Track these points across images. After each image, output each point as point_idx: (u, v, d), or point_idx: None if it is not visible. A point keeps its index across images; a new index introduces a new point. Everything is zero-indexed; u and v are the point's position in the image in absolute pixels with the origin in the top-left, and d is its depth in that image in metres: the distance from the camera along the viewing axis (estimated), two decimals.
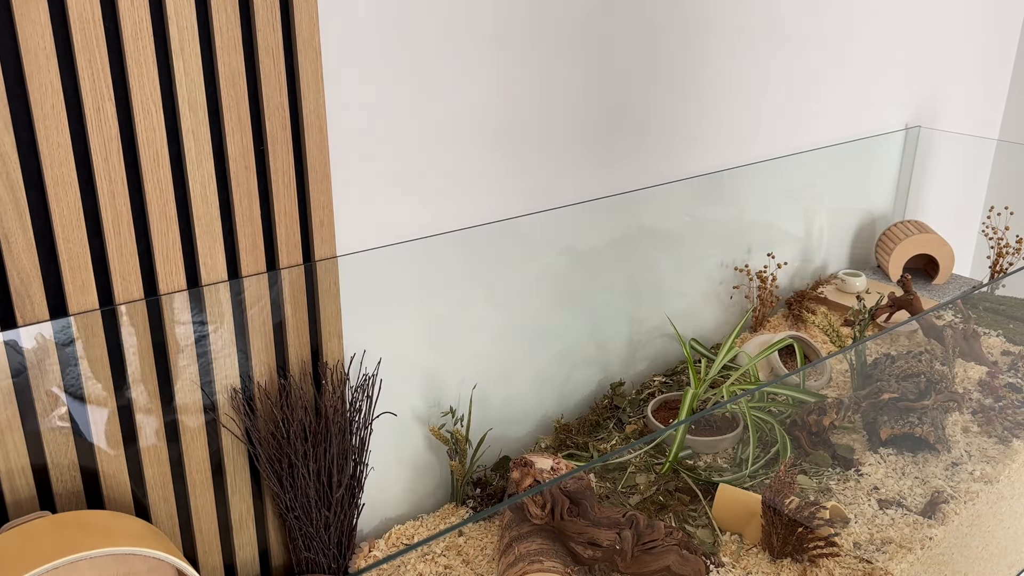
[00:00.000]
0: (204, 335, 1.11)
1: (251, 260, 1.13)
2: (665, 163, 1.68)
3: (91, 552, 0.90)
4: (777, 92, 1.86)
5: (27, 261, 0.96)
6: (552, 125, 1.46)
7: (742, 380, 1.65)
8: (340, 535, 1.26)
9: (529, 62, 1.38)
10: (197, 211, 1.06)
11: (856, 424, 1.63)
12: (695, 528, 1.36)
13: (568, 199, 1.52)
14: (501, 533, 1.30)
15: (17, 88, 0.91)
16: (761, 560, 1.30)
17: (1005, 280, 2.13)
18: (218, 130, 1.06)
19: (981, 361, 1.84)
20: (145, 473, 1.10)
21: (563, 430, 1.59)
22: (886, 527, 1.38)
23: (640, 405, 1.69)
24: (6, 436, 0.98)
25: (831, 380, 1.79)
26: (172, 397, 1.10)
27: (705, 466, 1.53)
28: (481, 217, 1.41)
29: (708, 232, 1.85)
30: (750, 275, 1.97)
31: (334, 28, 1.14)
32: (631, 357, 1.77)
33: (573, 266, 1.58)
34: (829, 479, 1.49)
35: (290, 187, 1.13)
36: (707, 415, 1.63)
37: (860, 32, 2.01)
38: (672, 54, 1.60)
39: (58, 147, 0.95)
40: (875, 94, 2.14)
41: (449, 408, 1.44)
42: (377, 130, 1.23)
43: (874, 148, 2.21)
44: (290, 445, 1.17)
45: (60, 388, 1.01)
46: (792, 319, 2.04)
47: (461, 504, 1.45)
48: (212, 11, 1.01)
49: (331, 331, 1.23)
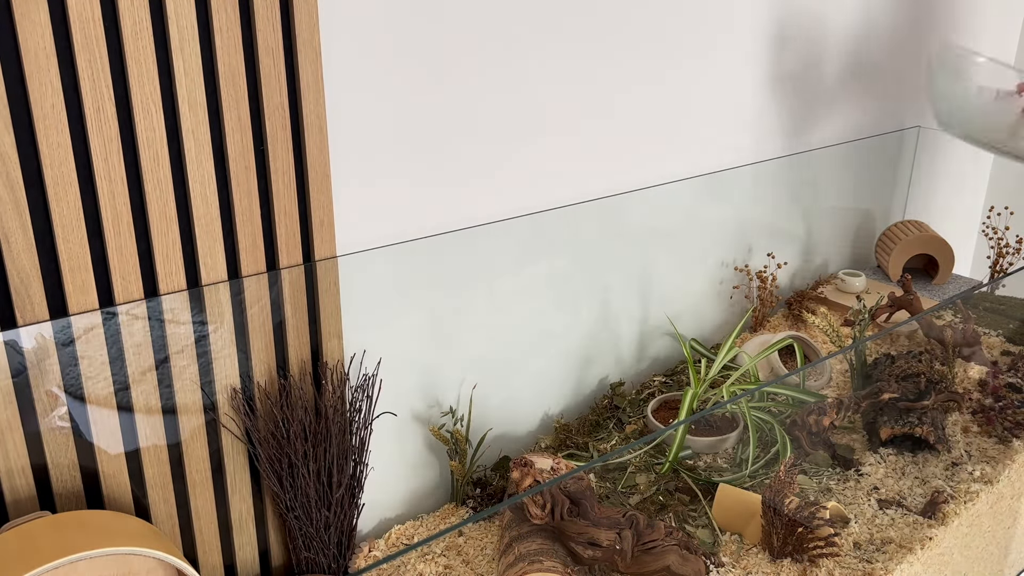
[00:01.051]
0: (204, 335, 1.11)
1: (251, 260, 1.13)
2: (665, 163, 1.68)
3: (91, 552, 0.90)
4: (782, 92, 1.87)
5: (27, 261, 0.96)
6: (555, 122, 1.46)
7: (742, 380, 1.65)
8: (340, 535, 1.26)
9: (533, 59, 1.38)
10: (197, 211, 1.06)
11: (856, 424, 1.63)
12: (695, 528, 1.36)
13: (568, 199, 1.52)
14: (501, 533, 1.30)
15: (17, 88, 0.91)
16: (761, 560, 1.30)
17: (1005, 280, 2.13)
18: (218, 130, 1.06)
19: (981, 361, 1.84)
20: (145, 473, 1.10)
21: (563, 430, 1.59)
22: (886, 527, 1.38)
23: (640, 405, 1.69)
24: (6, 436, 0.98)
25: (831, 380, 1.79)
26: (172, 397, 1.10)
27: (705, 466, 1.53)
28: (481, 217, 1.41)
29: (708, 232, 1.85)
30: (750, 275, 1.97)
31: (334, 28, 1.14)
32: (631, 357, 1.77)
33: (573, 266, 1.58)
34: (829, 479, 1.49)
35: (290, 187, 1.13)
36: (707, 415, 1.63)
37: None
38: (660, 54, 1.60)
39: (58, 147, 0.95)
40: (876, 94, 2.14)
41: (449, 408, 1.44)
42: (377, 130, 1.23)
43: (874, 148, 2.21)
44: (290, 445, 1.17)
45: (60, 388, 1.01)
46: (792, 319, 2.04)
47: (461, 504, 1.45)
48: (212, 11, 1.01)
49: (331, 331, 1.23)
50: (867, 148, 2.18)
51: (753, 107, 1.82)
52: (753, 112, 1.83)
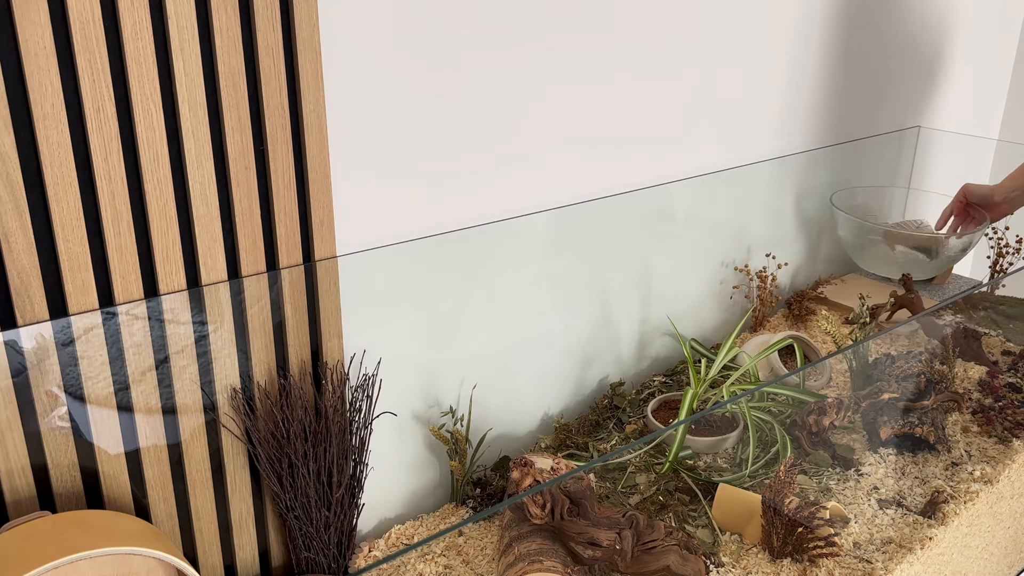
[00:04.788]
0: (204, 335, 1.11)
1: (251, 260, 1.13)
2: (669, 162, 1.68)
3: (91, 552, 0.90)
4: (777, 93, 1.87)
5: (27, 261, 0.96)
6: (555, 122, 1.46)
7: (742, 380, 1.65)
8: (340, 535, 1.26)
9: (533, 59, 1.38)
10: (197, 211, 1.06)
11: (856, 424, 1.62)
12: (695, 528, 1.36)
13: (568, 199, 1.53)
14: (501, 533, 1.30)
15: (17, 88, 0.91)
16: (761, 560, 1.30)
17: (1005, 280, 2.13)
18: (218, 130, 1.06)
19: (981, 361, 1.84)
20: (145, 473, 1.10)
21: (563, 430, 1.59)
22: (886, 527, 1.38)
23: (640, 405, 1.69)
24: (6, 436, 0.98)
25: (831, 380, 1.79)
26: (172, 397, 1.10)
27: (705, 466, 1.53)
28: (481, 217, 1.41)
29: (708, 232, 1.85)
30: (750, 275, 1.97)
31: (334, 28, 1.14)
32: (631, 357, 1.77)
33: (573, 266, 1.58)
34: (829, 479, 1.49)
35: (290, 187, 1.13)
36: (707, 415, 1.63)
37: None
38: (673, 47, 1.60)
39: (58, 147, 0.95)
40: (875, 94, 2.14)
41: (449, 408, 1.44)
42: (377, 130, 1.23)
43: (874, 148, 2.21)
44: (290, 445, 1.17)
45: (60, 388, 1.01)
46: (792, 319, 2.04)
47: (461, 504, 1.45)
48: (212, 11, 1.01)
49: (331, 331, 1.23)
50: (867, 148, 2.18)
51: (753, 107, 1.82)
52: (753, 112, 1.83)
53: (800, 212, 2.08)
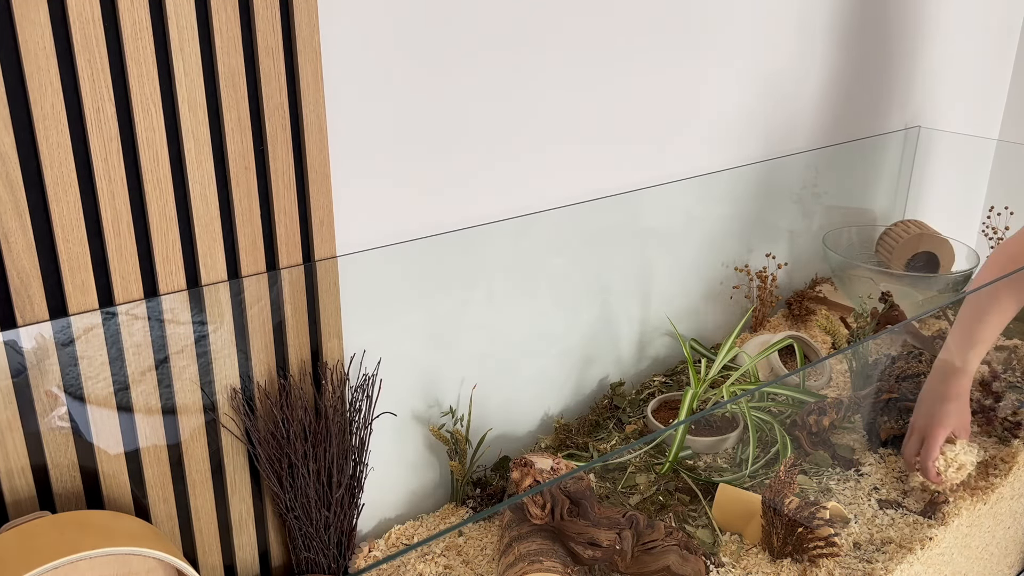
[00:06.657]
0: (204, 335, 1.11)
1: (251, 260, 1.13)
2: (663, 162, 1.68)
3: (91, 552, 0.90)
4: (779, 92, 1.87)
5: (27, 261, 0.96)
6: (555, 122, 1.46)
7: (742, 380, 1.65)
8: (340, 535, 1.26)
9: (533, 59, 1.38)
10: (197, 211, 1.06)
11: (856, 424, 1.62)
12: (695, 528, 1.36)
13: (568, 199, 1.53)
14: (501, 533, 1.30)
15: (17, 88, 0.91)
16: (761, 560, 1.30)
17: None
18: (218, 130, 1.06)
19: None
20: (145, 473, 1.10)
21: (563, 430, 1.59)
22: (886, 527, 1.38)
23: (640, 405, 1.69)
24: (6, 436, 0.98)
25: (831, 380, 1.79)
26: (172, 397, 1.10)
27: (705, 466, 1.53)
28: (481, 217, 1.41)
29: (708, 232, 1.85)
30: (750, 275, 1.97)
31: (334, 28, 1.14)
32: (631, 357, 1.77)
33: (573, 266, 1.58)
34: (829, 479, 1.49)
35: (290, 187, 1.13)
36: (707, 415, 1.63)
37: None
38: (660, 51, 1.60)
39: (58, 147, 0.95)
40: (875, 94, 2.14)
41: (449, 408, 1.44)
42: (377, 130, 1.23)
43: (874, 148, 2.21)
44: (290, 445, 1.17)
45: (60, 388, 1.01)
46: (792, 319, 2.04)
47: (461, 504, 1.45)
48: (212, 11, 1.01)
49: (331, 331, 1.23)
50: (867, 148, 2.18)
51: (753, 107, 1.82)
52: (753, 112, 1.83)
53: (800, 212, 2.08)
